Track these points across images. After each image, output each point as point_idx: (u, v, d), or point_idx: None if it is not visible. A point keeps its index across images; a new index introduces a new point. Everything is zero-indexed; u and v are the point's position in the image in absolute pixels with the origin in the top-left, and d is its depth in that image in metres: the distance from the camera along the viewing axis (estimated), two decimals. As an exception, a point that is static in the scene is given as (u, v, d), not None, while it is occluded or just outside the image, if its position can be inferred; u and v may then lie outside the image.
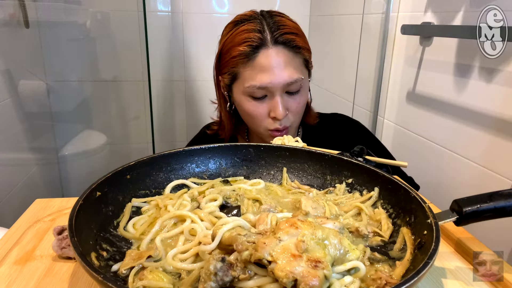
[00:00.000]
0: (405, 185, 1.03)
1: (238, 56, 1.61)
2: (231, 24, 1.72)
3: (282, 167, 1.33)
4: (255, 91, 1.62)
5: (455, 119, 1.81)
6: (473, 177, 1.72)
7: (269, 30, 1.61)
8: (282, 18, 1.67)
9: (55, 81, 3.11)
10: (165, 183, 1.22)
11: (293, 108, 1.68)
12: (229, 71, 1.67)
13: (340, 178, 1.25)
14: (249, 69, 1.61)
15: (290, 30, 1.63)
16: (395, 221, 1.03)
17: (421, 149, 2.04)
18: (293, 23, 1.70)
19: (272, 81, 1.59)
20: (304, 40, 1.68)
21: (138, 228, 1.03)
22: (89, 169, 3.23)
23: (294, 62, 1.62)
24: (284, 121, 1.67)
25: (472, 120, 1.71)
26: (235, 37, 1.64)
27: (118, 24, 3.16)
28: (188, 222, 1.00)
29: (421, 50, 2.04)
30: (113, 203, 1.06)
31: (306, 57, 1.67)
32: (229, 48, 1.65)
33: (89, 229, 0.92)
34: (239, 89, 1.67)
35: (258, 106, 1.66)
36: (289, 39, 1.61)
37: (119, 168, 1.11)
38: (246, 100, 1.67)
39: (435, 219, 0.86)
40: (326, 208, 1.08)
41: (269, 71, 1.59)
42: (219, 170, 1.32)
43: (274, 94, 1.62)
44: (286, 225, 0.79)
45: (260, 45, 1.59)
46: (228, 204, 1.13)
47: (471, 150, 1.72)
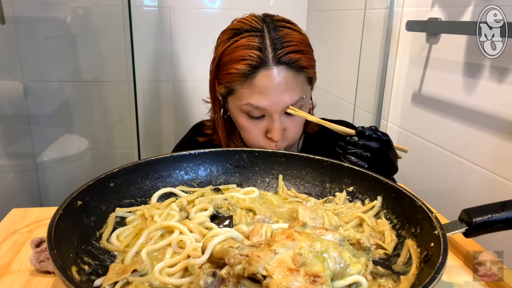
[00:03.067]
0: (410, 193, 1.03)
1: (235, 74, 1.57)
2: (229, 31, 1.66)
3: (277, 174, 1.33)
4: (252, 110, 1.59)
5: (464, 123, 1.81)
6: (483, 184, 1.72)
7: (271, 48, 1.56)
8: (288, 31, 1.62)
9: (32, 81, 3.10)
10: (152, 191, 1.22)
11: (291, 128, 1.65)
12: (225, 85, 1.64)
13: (340, 186, 1.25)
14: (246, 88, 1.57)
15: (296, 48, 1.58)
16: (400, 233, 1.03)
17: (428, 154, 2.05)
18: (300, 34, 1.65)
19: (271, 104, 1.56)
20: (310, 57, 1.63)
21: (122, 240, 1.03)
22: (69, 176, 3.22)
23: (296, 82, 1.58)
24: (280, 143, 1.65)
25: (482, 123, 1.71)
26: (233, 51, 1.59)
27: (101, 20, 3.15)
28: (176, 234, 1.00)
29: (428, 48, 2.05)
30: (96, 213, 1.06)
31: (310, 75, 1.63)
32: (227, 62, 1.61)
33: (69, 241, 0.91)
34: (235, 104, 1.64)
35: (254, 125, 1.64)
36: (293, 60, 1.56)
37: (102, 175, 1.11)
38: (241, 117, 1.65)
39: (443, 230, 0.86)
40: (325, 218, 1.09)
41: (269, 93, 1.55)
42: (210, 177, 1.32)
43: (273, 116, 1.59)
44: (282, 237, 0.79)
45: (260, 64, 1.54)
46: (219, 214, 1.13)
47: (482, 156, 1.72)
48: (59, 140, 3.31)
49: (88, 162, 3.33)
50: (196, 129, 1.98)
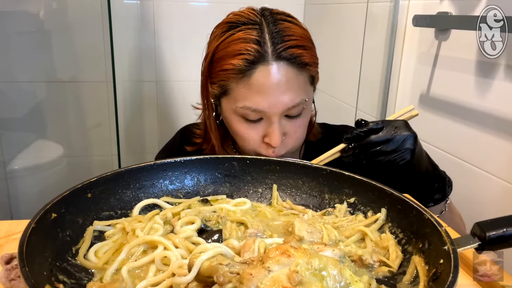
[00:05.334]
0: (417, 205, 1.04)
1: (231, 70, 1.55)
2: (224, 25, 1.65)
3: (271, 184, 1.33)
4: (249, 113, 1.57)
5: (477, 127, 1.81)
6: (498, 195, 1.72)
7: (271, 42, 1.54)
8: (288, 25, 1.61)
9: (2, 81, 3.09)
10: (133, 202, 1.22)
11: (291, 133, 1.63)
12: (219, 84, 1.62)
13: (340, 197, 1.25)
14: (243, 87, 1.55)
15: (297, 42, 1.57)
16: (406, 248, 1.03)
17: (437, 162, 2.05)
18: (302, 29, 1.64)
19: (270, 105, 1.54)
20: (312, 53, 1.63)
21: (101, 256, 1.03)
22: (42, 186, 3.21)
23: (298, 81, 1.57)
24: (279, 149, 1.62)
25: (497, 128, 1.71)
26: (228, 45, 1.58)
27: (78, 14, 3.15)
28: (160, 249, 1.00)
29: (437, 45, 2.05)
30: (72, 227, 1.06)
31: (313, 73, 1.63)
32: (221, 57, 1.59)
33: (43, 257, 0.91)
34: (229, 106, 1.63)
35: (250, 129, 1.62)
36: (295, 55, 1.54)
37: (79, 185, 1.11)
38: (236, 121, 1.63)
39: (453, 245, 0.86)
40: (324, 232, 1.09)
41: (267, 93, 1.53)
42: (197, 187, 1.32)
43: (271, 119, 1.57)
44: (276, 253, 0.79)
45: (258, 59, 1.52)
46: (207, 228, 1.13)
47: (496, 164, 1.73)
48: (31, 147, 3.30)
49: (63, 170, 3.33)
50: (184, 134, 1.95)
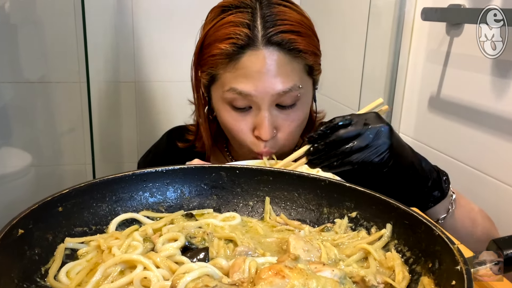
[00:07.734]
0: (427, 220, 1.04)
1: (219, 55, 1.58)
2: (217, 8, 1.69)
3: (264, 197, 1.33)
4: (236, 97, 1.59)
5: (492, 133, 1.81)
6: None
7: (262, 26, 1.58)
8: (283, 9, 1.63)
9: (-38, 82, 3.10)
10: (109, 217, 1.22)
11: (284, 127, 1.65)
12: (207, 72, 1.65)
13: (340, 211, 1.25)
14: (230, 72, 1.59)
15: (291, 27, 1.59)
16: (414, 268, 1.03)
17: (447, 171, 2.04)
18: (300, 15, 1.66)
19: (257, 88, 1.56)
20: (310, 41, 1.65)
21: (73, 277, 1.02)
22: (8, 199, 3.20)
23: (291, 67, 1.59)
24: (270, 143, 1.64)
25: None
26: (218, 30, 1.61)
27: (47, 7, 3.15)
28: (140, 269, 1.00)
29: (448, 42, 2.06)
30: (41, 244, 1.06)
31: (310, 62, 1.65)
32: (210, 43, 1.63)
33: (8, 278, 0.91)
34: (218, 94, 1.66)
35: (239, 120, 1.65)
36: (286, 40, 1.57)
37: (48, 197, 1.10)
38: (225, 110, 1.66)
39: (467, 265, 0.86)
40: (322, 250, 1.09)
41: (255, 77, 1.56)
42: (181, 200, 1.32)
43: (260, 107, 1.60)
44: (269, 274, 0.79)
45: (247, 44, 1.56)
46: (192, 246, 1.13)
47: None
48: (-6, 155, 3.30)
49: (31, 181, 3.32)
50: (172, 136, 1.97)
